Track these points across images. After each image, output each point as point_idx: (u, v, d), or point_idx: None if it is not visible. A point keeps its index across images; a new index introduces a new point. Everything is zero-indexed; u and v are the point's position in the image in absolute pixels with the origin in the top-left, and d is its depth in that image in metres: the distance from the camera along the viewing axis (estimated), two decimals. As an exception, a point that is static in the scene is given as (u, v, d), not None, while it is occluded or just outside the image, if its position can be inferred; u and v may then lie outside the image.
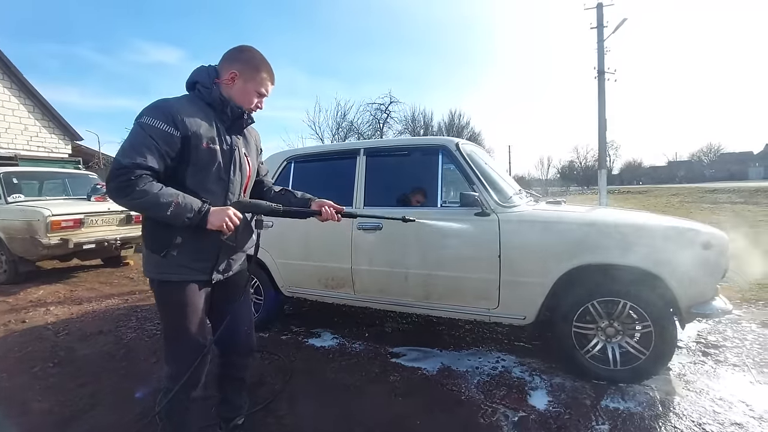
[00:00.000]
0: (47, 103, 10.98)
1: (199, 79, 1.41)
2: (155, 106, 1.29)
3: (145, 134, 1.24)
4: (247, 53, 1.43)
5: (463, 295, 2.48)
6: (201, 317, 1.44)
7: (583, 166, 65.33)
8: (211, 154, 1.35)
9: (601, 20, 13.74)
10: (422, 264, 2.56)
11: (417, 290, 2.61)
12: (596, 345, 2.25)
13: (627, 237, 2.15)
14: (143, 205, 1.24)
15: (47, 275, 5.79)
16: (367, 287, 2.76)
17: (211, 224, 1.29)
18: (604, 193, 13.24)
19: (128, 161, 1.21)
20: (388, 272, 2.67)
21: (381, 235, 2.66)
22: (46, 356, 2.85)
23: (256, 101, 1.46)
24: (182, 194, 1.27)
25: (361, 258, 2.72)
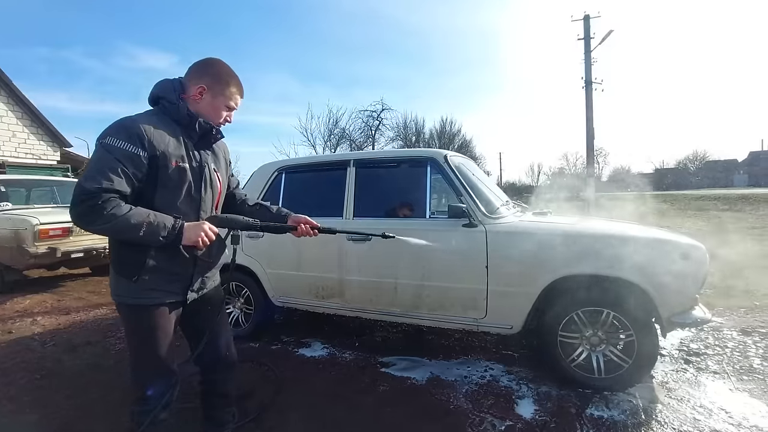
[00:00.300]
0: (36, 109, 10.89)
1: (164, 94, 1.35)
2: (119, 126, 1.23)
3: (111, 156, 1.18)
4: (216, 67, 1.40)
5: (451, 305, 2.52)
6: (171, 341, 1.40)
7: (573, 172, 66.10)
8: (180, 173, 1.31)
9: (588, 32, 14.03)
10: (411, 275, 2.60)
11: (406, 301, 2.64)
12: (581, 354, 2.30)
13: (610, 248, 2.21)
14: (113, 230, 1.19)
15: (34, 284, 5.71)
16: (357, 297, 2.80)
17: (187, 239, 1.25)
18: (592, 200, 13.44)
19: (93, 186, 1.15)
20: (377, 283, 2.71)
21: (370, 246, 2.69)
22: (33, 367, 2.82)
23: (225, 115, 1.43)
24: (153, 213, 1.22)
25: (351, 268, 2.76)
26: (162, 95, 1.35)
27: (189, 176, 1.34)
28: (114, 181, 1.17)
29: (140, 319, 1.35)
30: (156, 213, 1.23)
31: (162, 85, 1.38)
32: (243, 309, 3.25)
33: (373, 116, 21.37)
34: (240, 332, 3.23)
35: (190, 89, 1.37)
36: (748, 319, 3.44)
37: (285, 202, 3.05)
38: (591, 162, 13.81)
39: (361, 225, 2.72)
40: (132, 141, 1.21)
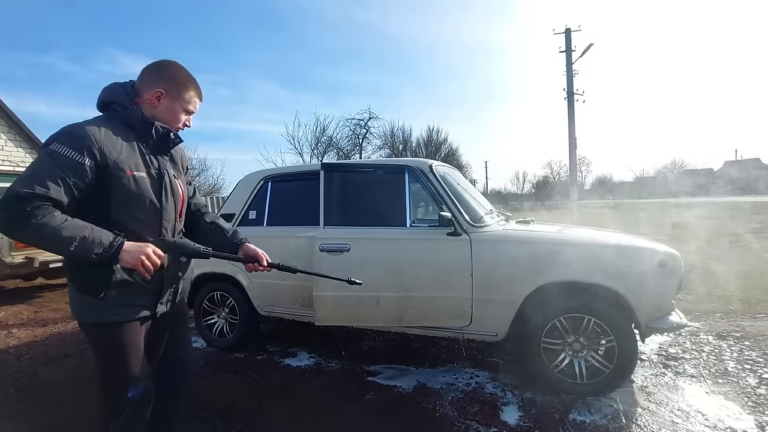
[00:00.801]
0: (14, 115, 10.61)
1: (115, 98, 1.29)
2: (67, 132, 1.16)
3: (52, 163, 1.11)
4: (172, 69, 1.34)
5: (437, 314, 2.52)
6: (143, 356, 1.33)
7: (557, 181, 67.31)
8: (135, 182, 1.23)
9: (569, 45, 14.43)
10: (395, 287, 2.50)
11: (389, 314, 2.54)
12: (564, 360, 2.35)
13: (590, 256, 2.28)
14: (40, 240, 1.08)
15: (9, 295, 5.54)
16: (333, 314, 2.58)
17: (124, 262, 1.13)
18: (576, 207, 13.71)
19: (25, 191, 1.06)
20: (357, 297, 2.47)
21: (348, 258, 2.50)
22: (8, 382, 2.74)
23: (184, 119, 1.38)
24: (91, 227, 1.11)
25: (323, 283, 2.47)
26: (113, 100, 1.29)
27: (147, 185, 1.27)
28: (50, 189, 1.08)
29: (110, 338, 1.27)
30: (95, 228, 1.12)
31: (112, 89, 1.31)
32: (228, 319, 3.21)
33: (360, 124, 21.52)
34: (225, 343, 3.19)
35: (145, 93, 1.31)
36: (723, 324, 3.55)
37: (271, 211, 3.05)
38: (574, 170, 14.11)
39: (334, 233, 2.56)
40: (78, 149, 1.13)
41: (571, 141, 13.98)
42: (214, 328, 3.24)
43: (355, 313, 2.56)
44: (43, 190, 1.07)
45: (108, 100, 1.30)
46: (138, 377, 1.31)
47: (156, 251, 1.17)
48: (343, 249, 2.48)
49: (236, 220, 3.12)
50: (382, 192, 2.72)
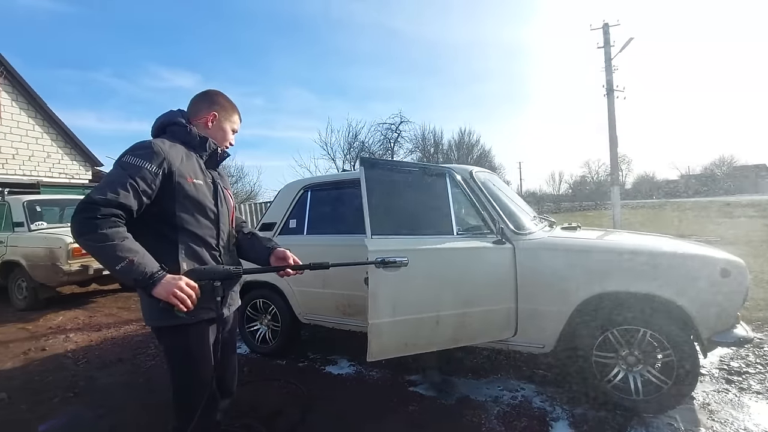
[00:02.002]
0: (69, 130, 11.36)
1: (174, 120, 1.47)
2: (136, 146, 1.32)
3: (123, 172, 1.24)
4: (221, 98, 1.56)
5: (489, 328, 2.37)
6: (210, 358, 1.41)
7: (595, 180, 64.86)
8: (196, 189, 1.39)
9: (607, 40, 13.88)
10: (454, 303, 2.24)
11: (446, 335, 2.26)
12: (618, 374, 2.23)
13: (646, 264, 2.15)
14: (96, 251, 1.16)
15: (66, 301, 5.89)
16: (388, 345, 2.12)
17: (156, 293, 1.17)
18: (618, 209, 13.11)
19: (99, 196, 1.17)
20: (417, 320, 2.16)
21: (408, 274, 2.03)
22: (66, 386, 2.88)
23: (231, 138, 1.59)
24: (143, 254, 1.19)
25: (381, 306, 2.05)
26: (172, 122, 1.47)
27: (205, 191, 1.43)
28: (120, 195, 1.20)
29: (178, 340, 1.37)
30: (146, 256, 1.20)
31: (170, 113, 1.50)
32: (270, 326, 3.27)
33: (391, 129, 21.55)
34: (267, 349, 3.25)
35: (200, 116, 1.51)
36: (792, 336, 3.27)
37: (311, 220, 3.09)
38: (615, 169, 13.52)
39: (386, 244, 2.11)
40: (147, 159, 1.27)
41: (612, 139, 13.40)
42: (257, 335, 3.31)
43: (413, 339, 2.19)
44: (114, 196, 1.19)
45: (167, 122, 1.48)
46: (206, 378, 1.39)
47: (189, 283, 1.22)
48: (402, 264, 2.00)
49: (277, 229, 3.18)
50: (427, 196, 2.50)
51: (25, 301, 5.40)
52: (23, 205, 5.62)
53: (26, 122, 10.49)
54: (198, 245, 1.39)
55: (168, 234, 1.34)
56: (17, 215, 5.56)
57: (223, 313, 1.43)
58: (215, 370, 1.43)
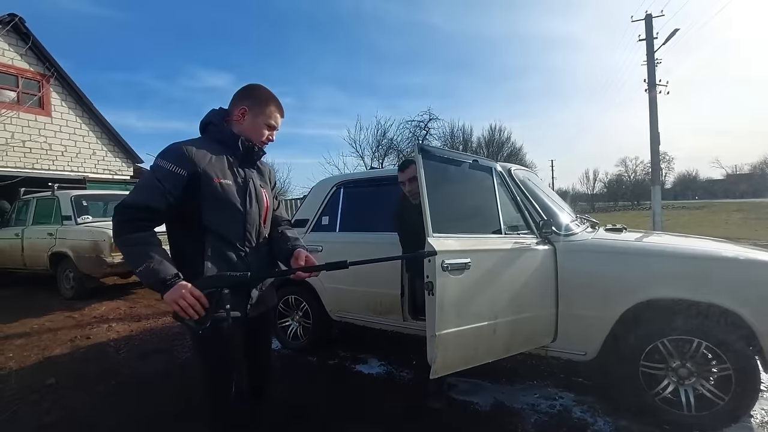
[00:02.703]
0: (113, 128, 11.91)
1: (211, 119, 1.47)
2: (166, 149, 1.35)
3: (152, 175, 1.30)
4: (255, 90, 1.49)
5: (532, 334, 2.26)
6: (239, 356, 1.43)
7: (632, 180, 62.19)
8: (222, 188, 1.37)
9: (650, 32, 13.21)
10: (510, 309, 2.08)
11: (500, 344, 2.08)
12: (667, 387, 2.08)
13: (701, 270, 2.01)
14: (124, 252, 1.26)
15: (109, 291, 6.17)
16: (453, 358, 1.91)
17: (166, 297, 1.23)
18: (659, 210, 12.49)
19: (130, 201, 1.28)
20: (477, 329, 1.96)
21: (470, 279, 1.90)
22: (109, 374, 3.00)
23: (267, 134, 1.51)
24: (161, 260, 1.24)
25: (447, 315, 1.84)
26: (211, 120, 1.48)
27: (233, 191, 1.40)
28: (147, 198, 1.27)
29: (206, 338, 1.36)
30: (164, 262, 1.24)
31: (210, 113, 1.50)
32: (301, 322, 3.29)
33: (420, 126, 21.36)
34: (298, 345, 3.27)
35: (233, 112, 1.47)
36: None
37: (343, 217, 3.07)
38: (656, 168, 12.88)
39: (449, 244, 1.90)
40: (175, 161, 1.31)
41: (653, 136, 12.75)
42: (289, 331, 3.34)
43: (473, 351, 1.99)
44: (142, 200, 1.27)
45: (207, 121, 1.49)
46: (225, 377, 1.41)
47: (193, 292, 1.23)
48: (465, 266, 1.90)
49: (309, 226, 3.19)
50: (477, 191, 2.32)
51: (72, 290, 5.70)
52: (71, 200, 5.92)
53: (74, 121, 11.06)
54: (224, 245, 1.39)
55: (195, 234, 1.36)
56: (66, 209, 5.86)
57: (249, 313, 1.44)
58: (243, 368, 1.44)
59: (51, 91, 10.56)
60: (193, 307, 1.22)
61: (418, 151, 1.98)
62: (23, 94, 9.92)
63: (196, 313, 1.23)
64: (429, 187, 1.89)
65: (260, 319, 1.53)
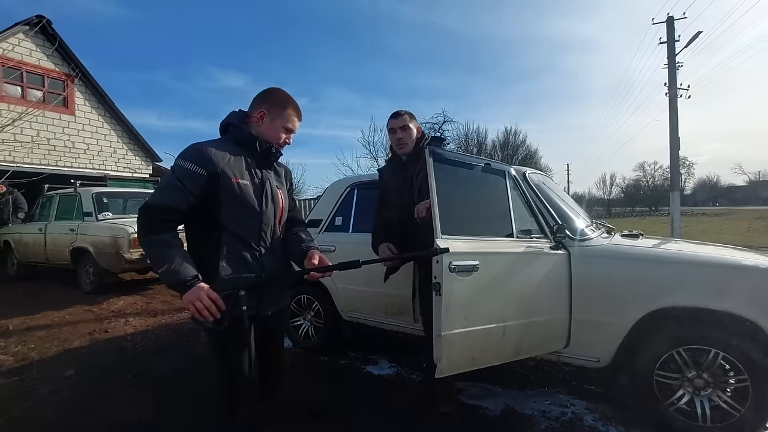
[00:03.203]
0: (133, 127, 12.20)
1: (231, 121, 1.52)
2: (186, 149, 1.39)
3: (173, 175, 1.35)
4: (274, 94, 1.53)
5: (548, 339, 2.25)
6: (250, 355, 1.45)
7: (650, 185, 60.97)
8: (240, 188, 1.41)
9: (672, 35, 12.95)
10: (520, 312, 2.07)
11: (509, 347, 2.08)
12: (682, 397, 2.04)
13: (720, 278, 1.97)
14: (146, 252, 1.33)
15: (127, 286, 6.32)
16: (459, 358, 1.93)
17: (185, 298, 1.27)
18: (677, 216, 12.22)
19: (152, 201, 1.33)
20: (486, 331, 1.97)
21: (478, 281, 1.91)
22: (126, 368, 3.07)
23: (284, 137, 1.54)
24: (181, 261, 1.28)
25: (454, 316, 1.86)
26: (230, 122, 1.52)
27: (250, 191, 1.44)
28: (169, 198, 1.32)
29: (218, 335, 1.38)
30: (184, 264, 1.28)
31: (230, 114, 1.54)
32: (313, 322, 3.32)
33: (434, 128, 21.31)
34: (310, 344, 3.30)
35: (252, 114, 1.51)
36: None
37: (357, 218, 3.09)
38: (676, 174, 12.61)
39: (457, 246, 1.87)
40: (195, 161, 1.35)
41: (673, 141, 12.49)
42: (300, 330, 3.37)
43: (480, 352, 2.00)
44: (164, 201, 1.32)
45: (227, 123, 1.53)
46: (244, 373, 1.43)
47: (210, 294, 1.27)
48: (473, 268, 1.91)
49: (323, 226, 3.22)
50: (489, 194, 2.31)
51: (92, 285, 5.85)
52: (92, 197, 6.08)
53: (96, 120, 11.37)
54: (239, 245, 1.42)
55: (213, 233, 1.40)
56: (87, 206, 6.03)
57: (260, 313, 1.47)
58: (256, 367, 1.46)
59: (75, 90, 10.87)
60: (209, 309, 1.25)
61: (429, 154, 1.96)
62: (48, 93, 10.23)
63: (212, 315, 1.26)
64: (440, 188, 1.90)
65: (273, 318, 1.56)
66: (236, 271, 1.40)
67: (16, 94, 9.81)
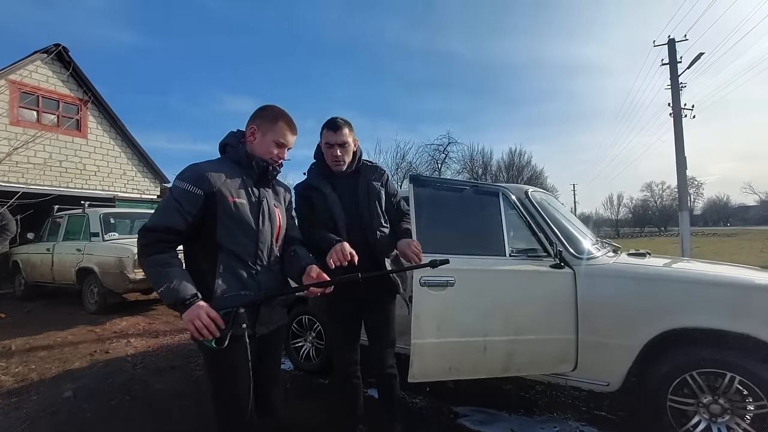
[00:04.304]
0: (143, 150, 12.42)
1: (228, 141, 1.53)
2: (185, 171, 1.40)
3: (170, 197, 1.35)
4: (266, 110, 1.52)
5: (545, 359, 2.20)
6: (246, 374, 1.38)
7: (658, 205, 60.42)
8: (236, 207, 1.41)
9: (673, 56, 13.07)
10: (504, 329, 2.11)
11: (495, 363, 2.12)
12: (698, 424, 1.94)
13: (736, 299, 1.90)
14: (147, 273, 1.32)
15: (130, 307, 6.29)
16: (430, 367, 2.05)
17: (185, 317, 1.26)
18: (687, 236, 12.02)
19: (151, 224, 1.33)
20: (463, 344, 2.07)
21: (454, 295, 2.05)
22: (124, 389, 3.02)
23: (276, 152, 1.50)
24: (180, 281, 1.27)
25: (425, 326, 1.99)
26: (227, 142, 1.53)
27: (246, 210, 1.43)
28: (167, 220, 1.33)
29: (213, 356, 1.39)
30: (183, 282, 1.28)
31: (228, 135, 1.55)
32: (314, 343, 3.26)
33: (439, 150, 21.52)
34: (311, 367, 3.23)
35: (246, 133, 1.52)
36: None
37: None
38: (684, 194, 12.47)
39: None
40: (191, 182, 1.36)
41: (680, 161, 12.42)
42: (301, 352, 3.30)
43: (458, 363, 2.09)
44: (163, 222, 1.33)
45: (225, 143, 1.55)
46: (238, 394, 1.39)
47: (209, 313, 1.26)
48: (447, 284, 2.03)
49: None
50: (478, 216, 2.41)
51: (96, 305, 5.84)
52: (100, 218, 6.14)
53: (107, 142, 11.61)
54: (236, 263, 1.41)
55: (210, 251, 1.39)
56: (94, 226, 6.09)
57: (258, 332, 1.45)
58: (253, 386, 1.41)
59: (88, 114, 11.15)
60: (209, 328, 1.24)
61: (410, 181, 2.14)
62: (62, 117, 10.51)
63: (211, 333, 1.24)
64: (420, 212, 2.04)
65: (270, 337, 1.53)
66: (232, 288, 1.38)
67: (31, 119, 10.09)
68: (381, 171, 2.01)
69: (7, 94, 9.23)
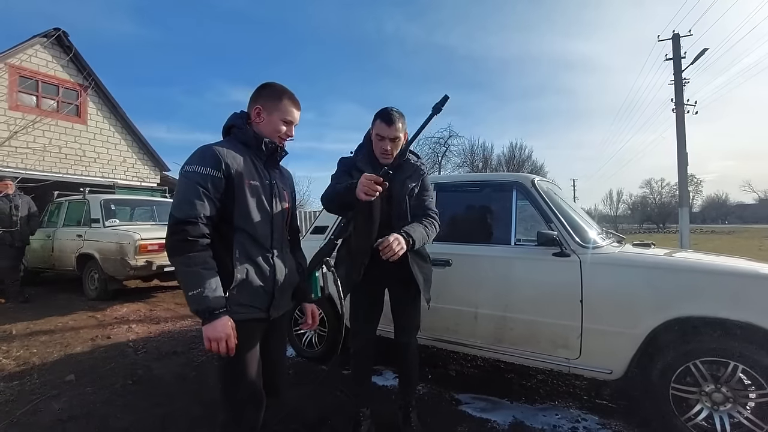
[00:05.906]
0: (143, 137, 12.36)
1: (234, 122, 1.47)
2: (198, 153, 1.33)
3: (192, 183, 1.27)
4: (267, 88, 1.47)
5: (537, 340, 2.30)
6: (257, 357, 1.41)
7: (657, 202, 60.51)
8: (253, 190, 1.38)
9: (677, 52, 13.00)
10: (493, 305, 2.45)
11: (487, 333, 2.47)
12: (700, 412, 1.96)
13: (739, 287, 1.90)
14: (179, 272, 1.25)
15: (131, 293, 6.30)
16: (433, 322, 2.60)
17: (206, 329, 1.23)
18: (686, 232, 12.06)
19: (182, 215, 1.25)
20: (456, 311, 2.56)
21: (450, 272, 2.55)
22: (126, 373, 3.03)
23: (285, 129, 1.47)
24: (214, 287, 1.23)
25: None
26: (233, 124, 1.47)
27: (261, 192, 1.41)
28: (198, 208, 1.26)
29: None
30: (217, 289, 1.24)
31: (232, 116, 1.50)
32: (317, 331, 3.26)
33: (440, 143, 21.45)
34: (313, 354, 3.24)
35: (250, 114, 1.47)
36: None
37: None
38: (684, 190, 12.49)
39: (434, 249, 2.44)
40: (209, 164, 1.30)
41: (681, 158, 12.42)
42: (304, 338, 3.31)
43: (454, 326, 2.58)
44: (194, 211, 1.26)
45: (230, 125, 1.48)
46: (251, 376, 1.39)
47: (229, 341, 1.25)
48: (446, 264, 2.54)
49: (329, 233, 3.19)
50: (486, 209, 2.67)
51: (96, 291, 5.84)
52: (100, 204, 6.12)
53: (107, 129, 11.54)
54: (252, 246, 1.39)
55: (226, 234, 1.36)
56: (95, 212, 6.06)
57: (272, 315, 1.45)
58: (262, 368, 1.43)
59: (88, 100, 11.07)
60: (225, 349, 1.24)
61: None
62: (62, 102, 10.43)
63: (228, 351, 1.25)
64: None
65: (279, 320, 1.54)
66: (250, 276, 1.36)
67: (31, 103, 10.00)
68: (420, 172, 1.99)
69: (6, 78, 9.15)
